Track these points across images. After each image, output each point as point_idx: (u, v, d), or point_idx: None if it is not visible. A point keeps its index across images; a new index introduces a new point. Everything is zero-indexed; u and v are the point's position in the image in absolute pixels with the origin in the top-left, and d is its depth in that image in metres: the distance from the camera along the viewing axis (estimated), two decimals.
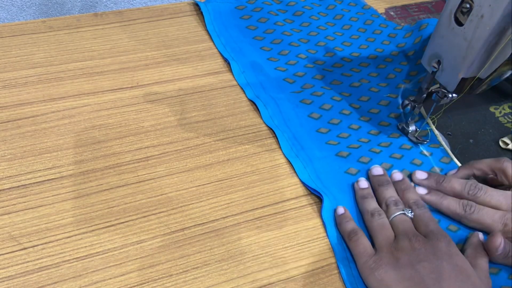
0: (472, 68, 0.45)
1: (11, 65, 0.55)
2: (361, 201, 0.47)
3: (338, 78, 0.59)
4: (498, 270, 0.43)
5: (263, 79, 0.57)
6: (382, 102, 0.57)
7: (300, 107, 0.55)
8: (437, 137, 0.54)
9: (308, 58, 0.61)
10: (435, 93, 0.50)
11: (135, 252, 0.42)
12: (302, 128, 0.53)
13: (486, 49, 0.44)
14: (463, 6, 0.43)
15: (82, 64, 0.57)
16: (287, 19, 0.66)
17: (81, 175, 0.46)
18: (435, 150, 0.53)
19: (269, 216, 0.46)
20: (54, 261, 0.40)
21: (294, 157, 0.50)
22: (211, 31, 0.63)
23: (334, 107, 0.55)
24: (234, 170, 0.49)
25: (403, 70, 0.61)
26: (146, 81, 0.56)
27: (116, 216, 0.44)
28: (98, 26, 0.62)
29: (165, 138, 0.51)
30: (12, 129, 0.49)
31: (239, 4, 0.66)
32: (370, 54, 0.63)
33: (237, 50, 0.60)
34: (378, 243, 0.43)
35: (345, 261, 0.43)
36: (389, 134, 0.53)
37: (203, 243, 0.43)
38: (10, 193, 0.44)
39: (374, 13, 0.69)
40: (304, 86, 0.57)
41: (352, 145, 0.52)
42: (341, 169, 0.49)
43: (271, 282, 0.41)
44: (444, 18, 0.46)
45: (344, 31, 0.66)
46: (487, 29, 0.42)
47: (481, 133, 0.56)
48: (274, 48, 0.62)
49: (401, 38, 0.65)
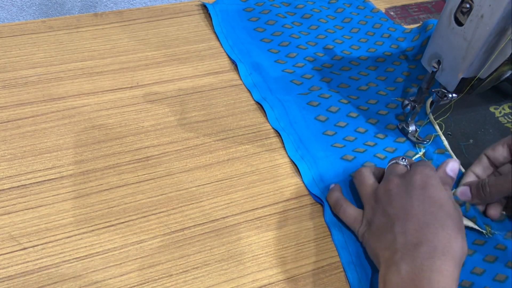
0: (472, 68, 0.45)
1: (11, 65, 0.55)
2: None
3: (346, 81, 0.59)
4: (482, 271, 0.43)
5: (270, 81, 0.57)
6: (390, 105, 0.57)
7: (307, 110, 0.54)
8: (443, 142, 0.53)
9: (316, 60, 0.61)
10: (435, 93, 0.50)
11: (135, 252, 0.42)
12: (308, 130, 0.52)
13: (486, 49, 0.44)
14: (463, 6, 0.43)
15: (82, 64, 0.57)
16: (295, 22, 0.66)
17: (81, 175, 0.46)
18: (440, 156, 0.52)
19: (269, 216, 0.46)
20: (54, 261, 0.40)
21: (299, 159, 0.50)
22: (219, 32, 0.63)
23: (341, 110, 0.55)
24: (234, 170, 0.49)
25: (412, 73, 0.61)
26: (146, 81, 0.56)
27: (116, 216, 0.44)
28: (98, 26, 0.62)
29: (165, 138, 0.51)
30: (12, 129, 0.49)
31: (247, 6, 0.66)
32: (378, 58, 0.63)
33: (245, 52, 0.60)
34: (362, 200, 0.44)
35: (351, 265, 0.43)
36: (395, 139, 0.53)
37: (203, 243, 0.43)
38: (10, 193, 0.44)
39: (382, 16, 0.69)
40: (311, 88, 0.57)
41: (358, 148, 0.51)
42: (346, 172, 0.49)
43: (271, 282, 0.41)
44: (444, 18, 0.46)
45: (353, 34, 0.66)
46: (487, 29, 0.42)
47: (481, 133, 0.56)
48: (282, 50, 0.62)
49: (410, 41, 0.65)
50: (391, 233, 0.39)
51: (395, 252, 0.38)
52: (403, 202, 0.40)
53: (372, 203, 0.42)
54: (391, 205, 0.40)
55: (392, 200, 0.40)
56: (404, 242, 0.38)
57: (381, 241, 0.40)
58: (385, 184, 0.42)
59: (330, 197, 0.46)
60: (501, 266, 0.43)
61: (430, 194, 0.40)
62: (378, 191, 0.42)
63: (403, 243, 0.38)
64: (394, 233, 0.39)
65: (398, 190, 0.41)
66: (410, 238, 0.38)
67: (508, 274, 0.43)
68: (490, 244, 0.45)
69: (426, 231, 0.38)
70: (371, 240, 0.41)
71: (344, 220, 0.44)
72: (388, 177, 0.43)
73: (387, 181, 0.42)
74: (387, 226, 0.40)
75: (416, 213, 0.39)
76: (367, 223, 0.42)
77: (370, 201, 0.43)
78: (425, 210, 0.39)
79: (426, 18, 0.71)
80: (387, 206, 0.41)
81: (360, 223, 0.43)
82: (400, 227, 0.39)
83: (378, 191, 0.43)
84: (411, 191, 0.40)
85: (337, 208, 0.45)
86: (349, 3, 0.70)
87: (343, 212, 0.44)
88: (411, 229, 0.38)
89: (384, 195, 0.42)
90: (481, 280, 0.42)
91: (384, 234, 0.40)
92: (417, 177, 0.41)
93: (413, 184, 0.41)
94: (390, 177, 0.43)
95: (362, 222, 0.43)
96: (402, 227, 0.38)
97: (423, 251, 0.36)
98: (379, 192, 0.42)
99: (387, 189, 0.42)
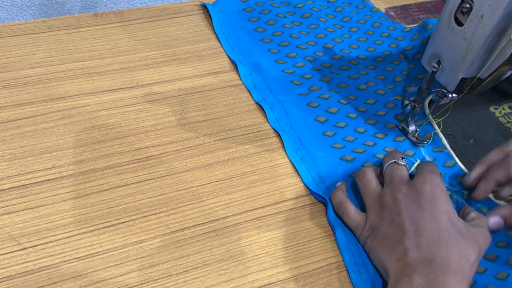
0: (472, 68, 0.45)
1: (11, 65, 0.55)
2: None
3: (345, 81, 0.59)
4: (484, 269, 0.43)
5: (270, 81, 0.57)
6: (388, 105, 0.57)
7: (307, 111, 0.54)
8: (442, 139, 0.53)
9: (316, 60, 0.61)
10: (435, 93, 0.50)
11: (135, 252, 0.42)
12: (308, 131, 0.52)
13: (486, 49, 0.44)
14: (463, 6, 0.43)
15: (82, 64, 0.57)
16: (295, 21, 0.66)
17: (81, 175, 0.46)
18: (439, 155, 0.52)
19: (269, 216, 0.46)
20: (54, 261, 0.40)
21: (299, 160, 0.50)
22: (219, 33, 0.63)
23: (341, 111, 0.55)
24: (234, 170, 0.49)
25: (411, 73, 0.61)
26: (146, 81, 0.56)
27: (116, 216, 0.44)
28: (98, 26, 0.62)
29: (165, 138, 0.51)
30: (12, 129, 0.49)
31: (247, 6, 0.66)
32: (377, 57, 0.63)
33: (245, 52, 0.60)
34: (365, 204, 0.44)
35: (354, 266, 0.42)
36: (394, 138, 0.53)
37: (203, 243, 0.43)
38: (10, 193, 0.44)
39: (382, 15, 0.68)
40: (311, 88, 0.57)
41: (357, 149, 0.51)
42: (346, 173, 0.49)
43: (271, 282, 0.41)
44: (444, 18, 0.46)
45: (352, 33, 0.66)
46: (487, 29, 0.42)
47: (481, 133, 0.56)
48: (282, 50, 0.62)
49: (409, 40, 0.65)
50: (401, 245, 0.39)
51: (407, 266, 0.38)
52: (414, 215, 0.39)
53: (377, 208, 0.42)
54: (400, 216, 0.40)
55: (401, 211, 0.40)
56: (417, 257, 0.38)
57: (390, 252, 0.39)
58: (392, 192, 0.42)
59: (334, 197, 0.45)
60: (502, 264, 0.43)
61: (442, 209, 0.40)
62: (384, 198, 0.42)
63: (415, 258, 0.38)
64: (405, 246, 0.38)
65: (407, 201, 0.40)
66: (423, 254, 0.38)
67: (509, 271, 0.43)
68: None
69: (439, 248, 0.38)
70: (377, 249, 0.41)
71: (346, 223, 0.44)
72: (393, 183, 0.42)
73: (394, 188, 0.42)
74: (396, 237, 0.39)
75: (428, 228, 0.39)
76: (370, 228, 0.42)
77: (375, 205, 0.42)
78: (439, 226, 0.39)
79: (426, 18, 0.71)
80: (396, 216, 0.40)
81: (363, 228, 0.43)
82: (411, 241, 0.38)
83: (384, 197, 0.42)
84: (422, 203, 0.40)
85: (340, 209, 0.44)
86: (349, 2, 0.70)
87: (346, 215, 0.44)
88: (424, 245, 0.38)
89: (392, 203, 0.41)
90: (483, 279, 0.42)
91: (393, 246, 0.39)
92: (427, 188, 0.40)
93: (423, 195, 0.40)
94: (397, 184, 0.42)
95: (365, 227, 0.42)
96: (414, 241, 0.38)
97: (436, 268, 0.37)
98: (386, 199, 0.42)
99: (395, 198, 0.41)
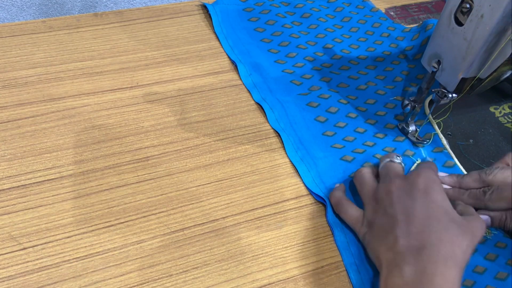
0: (472, 68, 0.45)
1: (11, 65, 0.55)
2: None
3: (345, 81, 0.59)
4: (484, 269, 0.43)
5: (270, 81, 0.57)
6: (388, 105, 0.57)
7: (307, 110, 0.54)
8: (442, 140, 0.53)
9: (316, 60, 0.61)
10: (435, 93, 0.50)
11: (135, 252, 0.42)
12: (308, 131, 0.52)
13: (486, 49, 0.44)
14: (463, 6, 0.43)
15: (82, 64, 0.57)
16: (295, 22, 0.66)
17: (81, 175, 0.46)
18: (439, 155, 0.52)
19: (269, 216, 0.46)
20: (54, 261, 0.40)
21: (299, 161, 0.50)
22: (219, 33, 0.63)
23: (341, 110, 0.55)
24: (234, 170, 0.49)
25: (411, 73, 0.61)
26: (146, 81, 0.56)
27: (116, 216, 0.44)
28: (98, 26, 0.62)
29: (165, 138, 0.51)
30: (12, 129, 0.49)
31: (247, 6, 0.66)
32: (377, 57, 0.63)
33: (245, 52, 0.60)
34: (363, 201, 0.44)
35: (353, 266, 0.43)
36: (394, 138, 0.53)
37: (203, 243, 0.43)
38: (10, 193, 0.44)
39: (382, 15, 0.68)
40: (311, 88, 0.57)
41: (357, 149, 0.51)
42: (345, 173, 0.49)
43: (271, 282, 0.41)
44: (444, 18, 0.46)
45: (352, 33, 0.66)
46: (487, 29, 0.42)
47: (481, 133, 0.56)
48: (282, 50, 0.61)
49: (409, 40, 0.65)
50: (392, 234, 0.39)
51: (397, 254, 0.38)
52: (405, 204, 0.40)
53: (373, 203, 0.42)
54: (392, 206, 0.40)
55: (393, 201, 0.40)
56: (407, 245, 0.38)
57: (382, 242, 0.39)
58: (386, 185, 0.42)
59: (333, 196, 0.46)
60: (502, 264, 0.44)
61: (433, 198, 0.40)
62: (379, 192, 0.42)
63: (405, 246, 0.38)
64: (396, 235, 0.39)
65: (400, 192, 0.41)
66: (413, 242, 0.38)
67: (509, 272, 0.43)
68: (490, 242, 0.45)
69: (430, 235, 0.37)
70: (372, 241, 0.41)
71: (345, 220, 0.44)
72: (388, 177, 0.43)
73: (388, 182, 0.42)
74: (388, 227, 0.40)
75: (419, 216, 0.39)
76: (368, 224, 0.42)
77: (371, 201, 0.43)
78: (429, 214, 0.39)
79: (426, 18, 0.71)
80: (388, 207, 0.40)
81: (361, 223, 0.43)
82: (402, 229, 0.38)
83: (378, 191, 0.43)
84: (414, 194, 0.40)
85: (338, 207, 0.45)
86: (349, 2, 0.70)
87: (345, 212, 0.44)
88: (414, 232, 0.38)
89: (385, 196, 0.41)
90: (482, 279, 0.42)
91: (385, 235, 0.39)
92: (420, 180, 0.41)
93: (416, 186, 0.40)
94: (391, 178, 0.42)
95: (363, 223, 0.43)
96: (405, 229, 0.38)
97: (427, 255, 0.36)
98: (380, 192, 0.42)
99: (388, 190, 0.41)
